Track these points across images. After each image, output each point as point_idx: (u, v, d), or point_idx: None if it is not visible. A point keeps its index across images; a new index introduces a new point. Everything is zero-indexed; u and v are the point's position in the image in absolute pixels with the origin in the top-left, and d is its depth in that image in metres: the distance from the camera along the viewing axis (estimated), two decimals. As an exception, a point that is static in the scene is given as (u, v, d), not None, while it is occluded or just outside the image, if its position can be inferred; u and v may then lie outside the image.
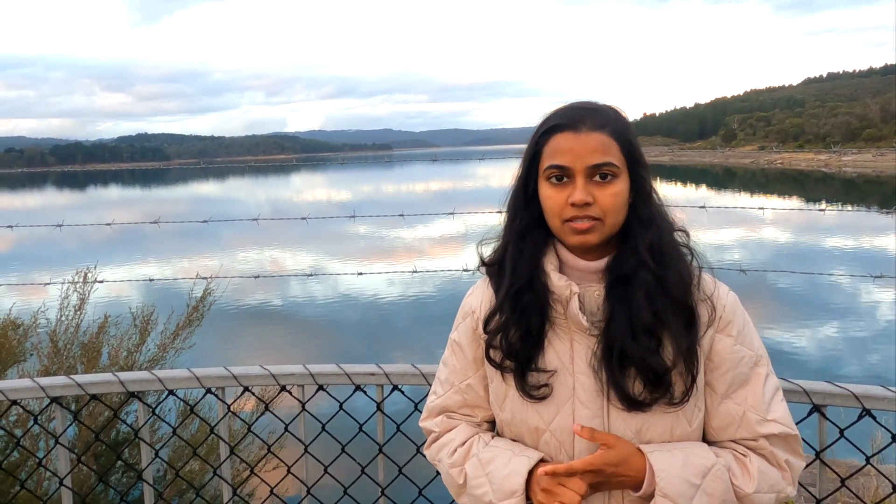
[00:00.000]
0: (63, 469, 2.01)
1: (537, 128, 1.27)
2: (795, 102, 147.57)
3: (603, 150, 1.20)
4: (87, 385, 1.95)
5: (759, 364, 1.26)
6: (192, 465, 4.16)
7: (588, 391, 1.23)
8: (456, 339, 1.40)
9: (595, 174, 1.20)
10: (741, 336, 1.26)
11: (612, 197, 1.21)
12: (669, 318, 1.20)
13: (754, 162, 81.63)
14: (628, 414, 1.22)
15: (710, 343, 1.26)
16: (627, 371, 1.20)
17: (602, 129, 1.21)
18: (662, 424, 1.23)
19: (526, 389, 1.26)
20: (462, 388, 1.38)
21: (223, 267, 12.17)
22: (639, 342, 1.19)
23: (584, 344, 1.25)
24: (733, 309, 1.28)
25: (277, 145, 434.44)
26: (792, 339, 11.27)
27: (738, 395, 1.25)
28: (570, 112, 1.24)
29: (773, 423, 1.24)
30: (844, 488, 1.71)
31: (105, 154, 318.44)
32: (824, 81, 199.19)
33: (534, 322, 1.26)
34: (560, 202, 1.22)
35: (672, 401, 1.21)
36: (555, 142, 1.23)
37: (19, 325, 4.68)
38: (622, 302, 1.21)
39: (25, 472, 3.82)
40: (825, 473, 1.71)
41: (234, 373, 1.94)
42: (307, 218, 4.88)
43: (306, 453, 1.99)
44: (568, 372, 1.25)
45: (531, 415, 1.27)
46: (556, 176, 1.22)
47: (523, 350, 1.26)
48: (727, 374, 1.25)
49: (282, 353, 10.89)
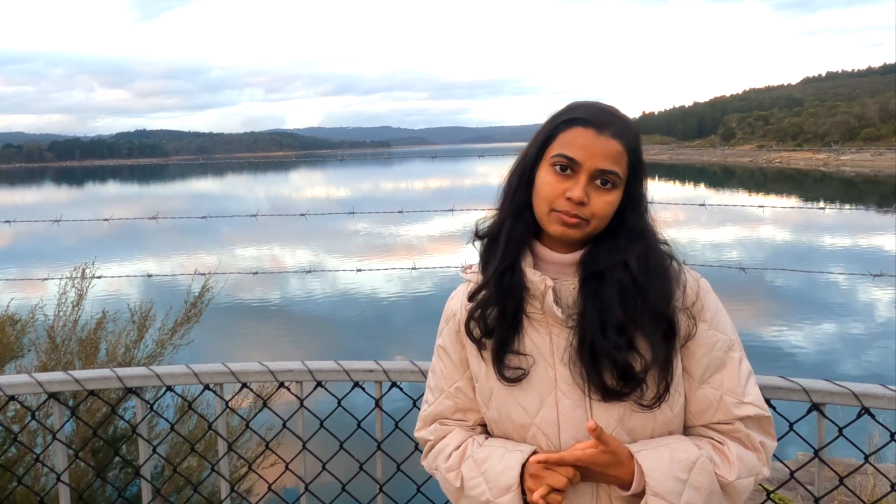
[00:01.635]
0: (60, 465, 2.01)
1: (558, 114, 1.29)
2: (794, 102, 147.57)
3: (615, 158, 1.23)
4: (85, 381, 1.95)
5: (733, 348, 1.28)
6: (190, 462, 4.16)
7: (568, 382, 1.25)
8: (441, 343, 1.42)
9: (598, 178, 1.23)
10: (714, 321, 1.29)
11: (605, 205, 1.24)
12: (645, 323, 1.22)
13: (753, 161, 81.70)
14: (608, 404, 1.24)
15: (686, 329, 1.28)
16: (601, 363, 1.22)
17: (621, 138, 1.24)
18: (643, 412, 1.24)
19: (502, 371, 1.28)
20: (452, 393, 1.40)
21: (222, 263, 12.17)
22: (607, 338, 1.21)
23: (562, 335, 1.27)
24: (705, 294, 1.30)
25: (276, 142, 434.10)
26: (790, 337, 11.29)
27: (715, 379, 1.27)
28: (597, 111, 1.26)
29: (749, 405, 1.26)
30: (842, 487, 1.71)
31: (103, 150, 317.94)
32: (823, 81, 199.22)
33: (510, 305, 1.28)
34: (556, 191, 1.23)
35: (641, 400, 1.23)
36: (573, 133, 1.24)
37: (17, 321, 4.67)
38: (594, 297, 1.24)
39: (23, 468, 3.81)
40: (823, 472, 1.71)
41: (232, 369, 1.94)
42: (306, 214, 4.87)
43: (304, 450, 1.98)
44: (549, 364, 1.27)
45: (516, 410, 1.29)
46: (561, 165, 1.24)
47: (500, 331, 1.28)
48: (703, 359, 1.27)
49: (281, 349, 10.89)
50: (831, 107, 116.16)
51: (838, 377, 1.69)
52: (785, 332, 11.56)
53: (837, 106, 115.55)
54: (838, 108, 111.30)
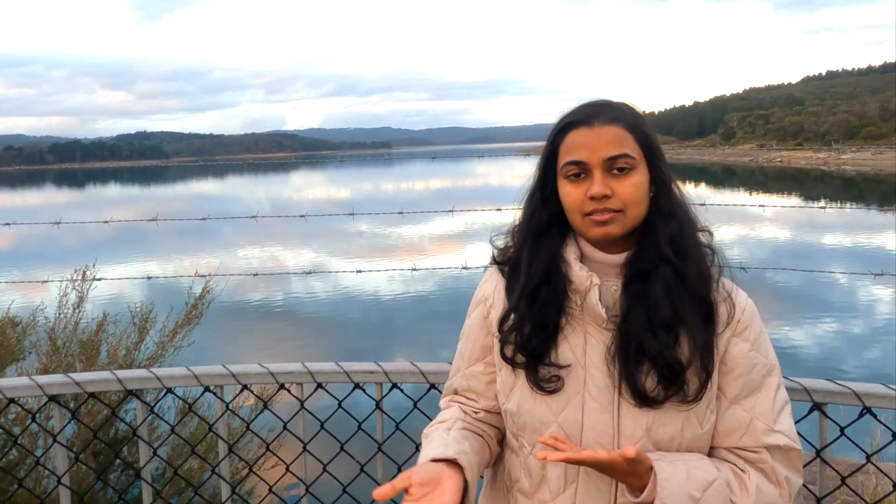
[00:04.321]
0: (61, 467, 2.00)
1: (553, 127, 1.28)
2: (795, 100, 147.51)
3: (618, 142, 1.20)
4: (86, 383, 1.95)
5: (772, 374, 1.25)
6: (191, 464, 4.16)
7: (599, 386, 1.22)
8: (469, 324, 1.41)
9: (612, 167, 1.20)
10: (757, 343, 1.25)
11: (631, 188, 1.20)
12: (687, 313, 1.19)
13: (753, 160, 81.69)
14: (639, 410, 1.20)
15: (726, 346, 1.24)
16: (641, 366, 1.19)
17: (616, 122, 1.21)
18: (674, 424, 1.21)
19: (538, 382, 1.25)
20: (468, 374, 1.40)
21: (222, 264, 12.15)
22: (657, 337, 1.18)
23: (598, 338, 1.24)
24: (752, 315, 1.26)
25: (276, 143, 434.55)
26: (792, 336, 11.29)
27: (748, 401, 1.24)
28: (583, 109, 1.25)
29: (780, 434, 1.22)
30: (844, 486, 1.71)
31: (104, 152, 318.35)
32: (824, 79, 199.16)
33: (550, 315, 1.25)
34: (579, 197, 1.21)
35: (686, 399, 1.19)
36: (570, 138, 1.23)
37: (18, 323, 4.67)
38: (641, 296, 1.20)
39: (23, 471, 3.81)
40: (825, 471, 1.70)
41: (233, 371, 1.93)
42: (306, 216, 4.87)
43: (305, 451, 1.98)
44: (580, 365, 1.24)
45: (539, 407, 1.26)
46: (574, 173, 1.22)
47: (537, 343, 1.25)
48: (739, 379, 1.23)
49: (282, 350, 10.89)
50: (832, 105, 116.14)
51: (840, 376, 1.68)
52: (786, 331, 11.56)
53: (838, 105, 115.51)
54: (839, 107, 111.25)
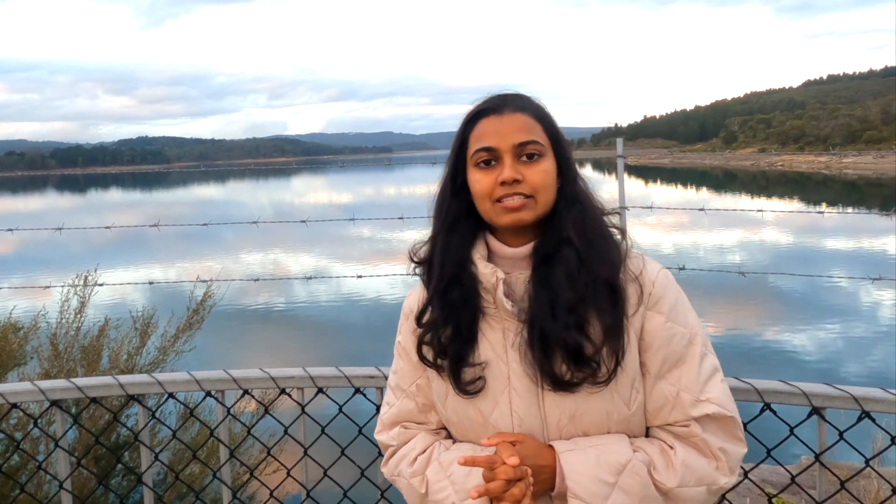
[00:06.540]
0: (63, 472, 2.01)
1: (463, 118, 1.29)
2: (796, 104, 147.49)
3: (527, 129, 1.23)
4: (87, 388, 1.96)
5: (694, 342, 1.22)
6: (192, 469, 4.16)
7: (522, 379, 1.22)
8: (401, 341, 1.39)
9: (522, 153, 1.22)
10: (673, 313, 1.23)
11: (541, 173, 1.22)
12: (592, 296, 1.19)
13: (755, 164, 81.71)
14: (561, 398, 1.20)
15: (642, 321, 1.23)
16: (553, 352, 1.18)
17: (524, 110, 1.24)
18: (598, 408, 1.20)
19: (461, 386, 1.25)
20: (412, 392, 1.36)
21: (224, 269, 12.17)
22: (557, 320, 1.17)
23: (516, 332, 1.23)
24: (664, 286, 1.24)
25: (278, 148, 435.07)
26: (792, 340, 11.27)
27: (672, 374, 1.21)
28: (492, 98, 1.28)
29: (707, 402, 1.19)
30: (844, 491, 1.71)
31: (106, 157, 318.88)
32: (825, 83, 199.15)
33: (463, 318, 1.25)
34: (489, 184, 1.22)
35: (596, 380, 1.18)
36: (480, 127, 1.25)
37: (20, 328, 4.68)
38: (544, 282, 1.21)
39: (25, 476, 3.81)
40: (825, 476, 1.70)
41: (234, 376, 1.94)
42: (307, 221, 4.89)
43: (306, 456, 1.99)
44: (502, 361, 1.24)
45: (473, 412, 1.26)
46: (484, 160, 1.23)
47: (455, 348, 1.25)
48: (659, 353, 1.22)
49: (283, 355, 10.89)
50: (833, 109, 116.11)
51: (839, 381, 1.68)
52: (786, 335, 11.54)
53: (839, 109, 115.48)
54: (840, 111, 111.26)
